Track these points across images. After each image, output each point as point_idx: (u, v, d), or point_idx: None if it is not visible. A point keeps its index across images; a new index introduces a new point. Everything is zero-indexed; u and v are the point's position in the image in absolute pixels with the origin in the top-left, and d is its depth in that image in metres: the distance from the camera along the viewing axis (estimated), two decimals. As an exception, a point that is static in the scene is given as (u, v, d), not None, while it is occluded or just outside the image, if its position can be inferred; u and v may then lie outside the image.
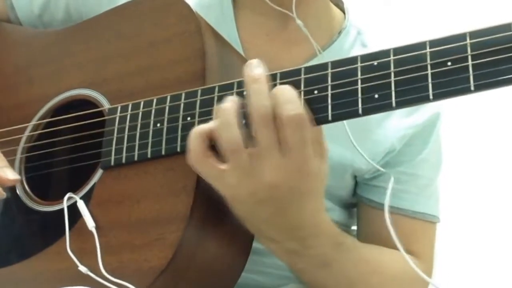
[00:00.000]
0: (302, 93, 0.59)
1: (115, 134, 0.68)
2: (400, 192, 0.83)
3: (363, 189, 0.84)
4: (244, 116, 0.58)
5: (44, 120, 0.76)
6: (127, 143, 0.67)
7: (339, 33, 0.86)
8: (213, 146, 0.59)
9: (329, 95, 0.58)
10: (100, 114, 0.71)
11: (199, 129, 0.59)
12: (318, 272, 0.69)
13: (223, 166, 0.58)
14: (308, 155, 0.57)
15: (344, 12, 0.89)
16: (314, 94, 0.59)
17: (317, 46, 0.80)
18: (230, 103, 0.58)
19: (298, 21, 0.78)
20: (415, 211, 0.83)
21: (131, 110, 0.68)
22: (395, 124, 0.82)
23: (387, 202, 0.64)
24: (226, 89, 0.63)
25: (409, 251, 0.81)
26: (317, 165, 0.59)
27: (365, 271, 0.74)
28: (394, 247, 0.79)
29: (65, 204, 0.67)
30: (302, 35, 0.82)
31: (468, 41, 0.54)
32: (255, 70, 0.58)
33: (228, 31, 0.75)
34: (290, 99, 0.56)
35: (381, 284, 0.77)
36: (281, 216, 0.61)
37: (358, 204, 0.86)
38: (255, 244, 0.71)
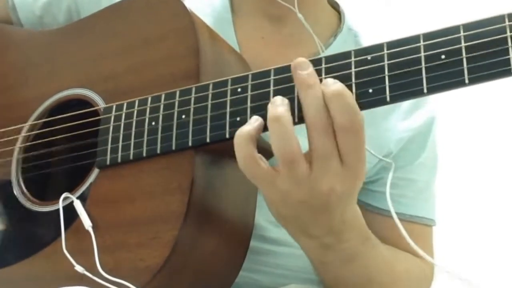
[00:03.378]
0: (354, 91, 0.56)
1: (110, 133, 0.68)
2: (397, 196, 0.82)
3: (360, 193, 0.84)
4: None
5: (41, 120, 0.76)
6: (123, 142, 0.67)
7: (335, 35, 0.86)
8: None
9: None
10: (96, 113, 0.71)
11: (245, 133, 0.57)
12: (342, 267, 0.68)
13: (276, 171, 0.56)
14: (364, 159, 0.56)
15: (340, 14, 0.89)
16: None
17: (320, 43, 0.79)
18: (285, 109, 0.55)
19: (299, 15, 0.77)
20: (412, 215, 0.83)
21: (126, 109, 0.68)
22: (392, 127, 0.82)
23: (388, 198, 0.64)
24: (220, 87, 0.63)
25: (410, 253, 0.81)
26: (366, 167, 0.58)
27: (382, 269, 0.74)
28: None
29: (60, 204, 0.67)
30: (298, 38, 0.83)
31: (461, 33, 0.53)
32: (306, 72, 0.55)
33: (226, 34, 0.76)
34: (349, 108, 0.54)
35: (393, 283, 0.77)
36: (326, 216, 0.59)
37: None
38: (254, 243, 0.71)
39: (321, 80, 0.56)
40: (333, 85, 0.55)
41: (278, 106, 0.56)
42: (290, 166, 0.55)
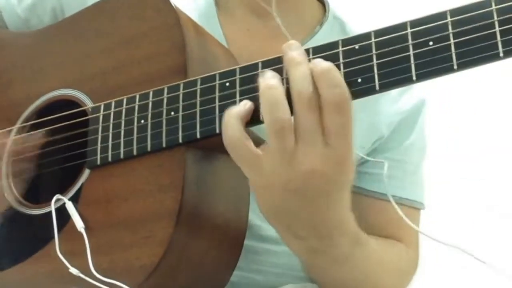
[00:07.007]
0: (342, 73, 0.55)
1: (99, 133, 0.67)
2: (386, 178, 0.82)
3: None
4: None
5: (29, 123, 0.75)
6: (112, 141, 0.66)
7: (321, 24, 0.86)
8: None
9: None
10: (84, 113, 0.71)
11: (235, 111, 0.56)
12: (332, 268, 0.68)
13: (261, 151, 0.55)
14: (350, 144, 0.55)
15: (324, 4, 0.89)
16: None
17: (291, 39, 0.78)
18: (278, 80, 0.55)
19: (276, 18, 0.76)
20: (401, 197, 0.83)
21: (114, 108, 0.67)
22: (383, 111, 0.83)
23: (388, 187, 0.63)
24: (208, 81, 0.63)
25: (395, 237, 0.81)
26: (353, 156, 0.56)
27: (371, 266, 0.74)
28: (381, 234, 0.79)
29: (52, 206, 0.66)
30: (284, 30, 0.82)
31: (449, 19, 0.53)
32: (296, 52, 0.55)
33: (212, 28, 0.75)
34: (336, 83, 0.53)
35: (380, 278, 0.77)
36: (310, 208, 0.58)
37: None
38: (251, 243, 0.71)
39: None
40: (322, 63, 0.54)
41: (270, 78, 0.55)
42: (279, 135, 0.54)
